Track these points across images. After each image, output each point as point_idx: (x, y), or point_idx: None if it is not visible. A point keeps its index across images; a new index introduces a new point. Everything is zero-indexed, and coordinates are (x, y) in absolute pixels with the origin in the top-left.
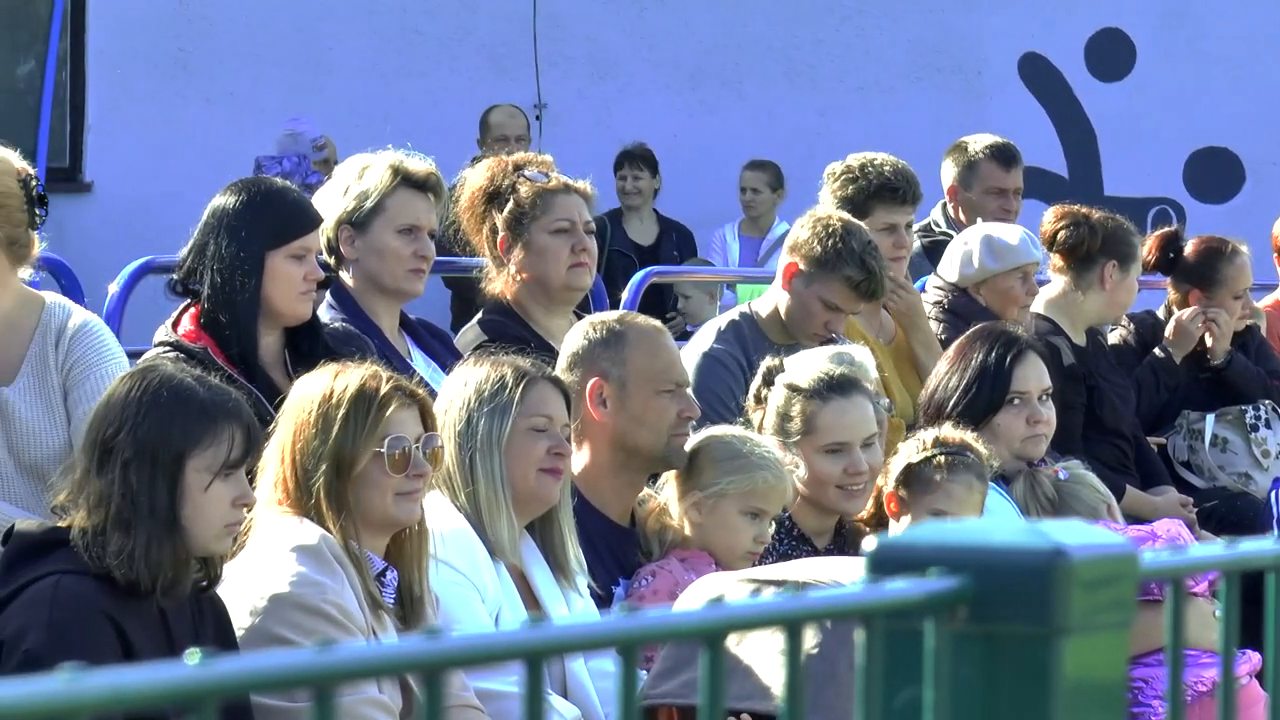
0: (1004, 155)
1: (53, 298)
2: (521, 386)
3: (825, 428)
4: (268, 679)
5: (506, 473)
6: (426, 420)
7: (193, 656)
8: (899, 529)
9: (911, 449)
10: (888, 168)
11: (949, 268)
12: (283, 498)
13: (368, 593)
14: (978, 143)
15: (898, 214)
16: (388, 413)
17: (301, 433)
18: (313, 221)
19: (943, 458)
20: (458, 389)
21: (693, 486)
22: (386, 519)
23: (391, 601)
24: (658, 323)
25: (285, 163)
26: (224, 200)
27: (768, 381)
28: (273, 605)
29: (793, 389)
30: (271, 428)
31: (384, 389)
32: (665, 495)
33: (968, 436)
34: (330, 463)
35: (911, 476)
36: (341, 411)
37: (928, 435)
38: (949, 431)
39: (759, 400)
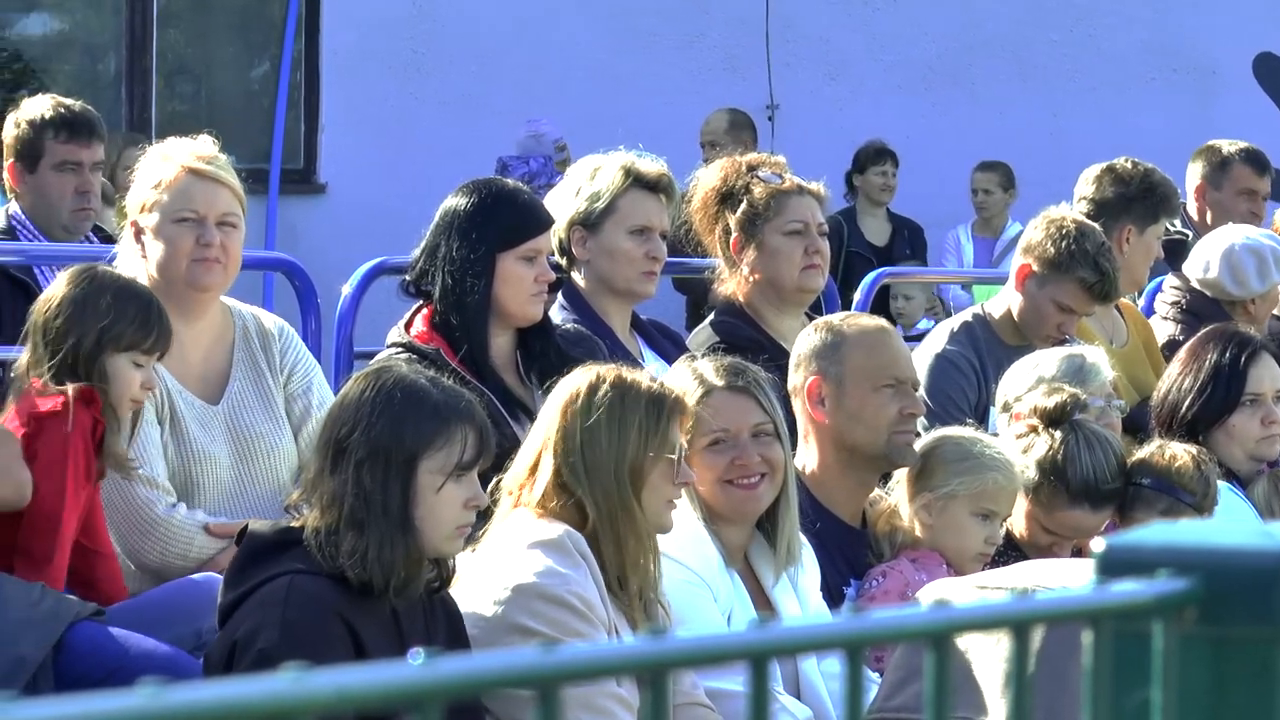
0: (1257, 159)
1: (228, 300)
2: (694, 403)
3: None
4: (491, 679)
5: (694, 490)
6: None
7: (417, 657)
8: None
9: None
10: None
11: (1231, 279)
12: (544, 498)
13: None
14: (1230, 145)
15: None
16: (673, 422)
17: (575, 434)
18: (543, 223)
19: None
20: None
21: (923, 488)
22: (658, 526)
23: None
24: (882, 322)
25: (532, 163)
26: (455, 202)
27: (1055, 421)
28: (516, 595)
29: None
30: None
31: (672, 396)
32: (896, 496)
33: (1186, 455)
34: (614, 468)
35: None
36: (638, 417)
37: (1148, 451)
38: (1159, 450)
39: (1044, 420)
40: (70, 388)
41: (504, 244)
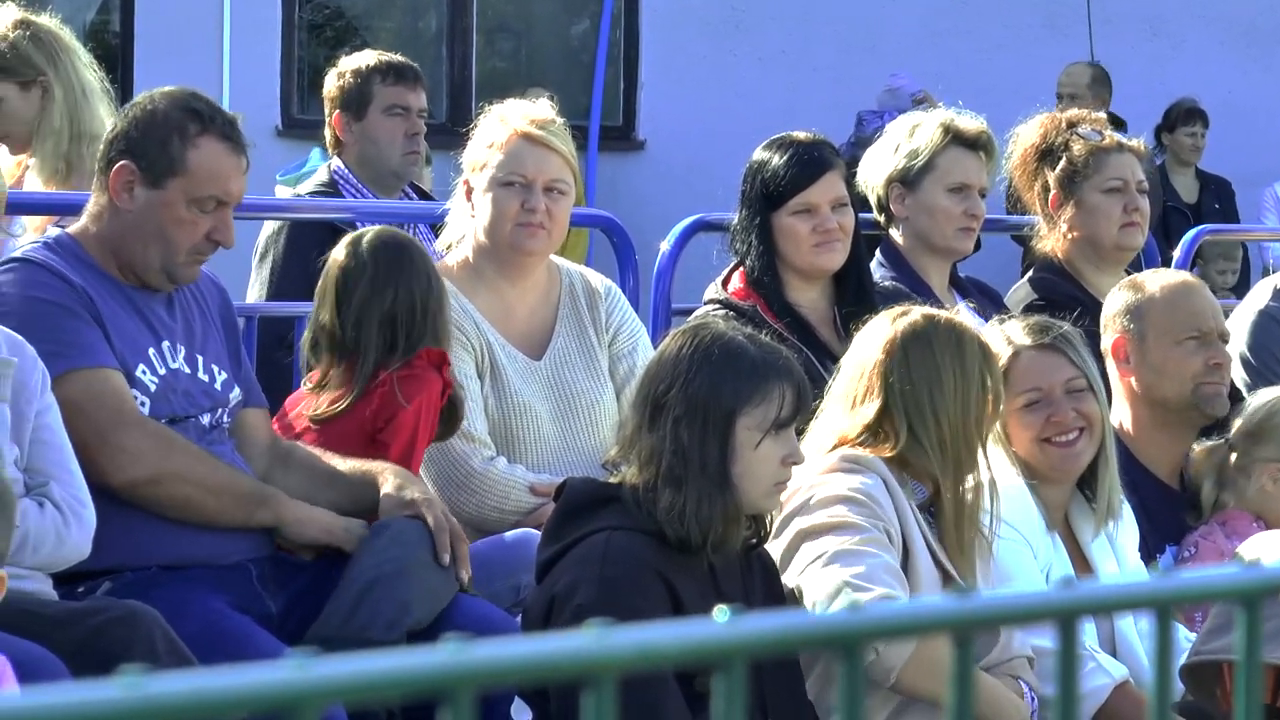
0: None
1: (556, 259)
2: (1004, 364)
3: None
4: (796, 638)
5: (1013, 450)
6: None
7: (721, 614)
8: None
9: None
10: None
11: None
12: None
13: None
14: None
15: None
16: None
17: (912, 379)
18: (811, 176)
19: None
20: None
21: (1251, 446)
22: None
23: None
24: (1186, 275)
25: (885, 118)
26: (748, 162)
27: None
28: (796, 513)
29: None
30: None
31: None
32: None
33: None
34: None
35: None
36: (979, 365)
37: None
38: None
39: None
40: (424, 351)
41: (771, 204)
